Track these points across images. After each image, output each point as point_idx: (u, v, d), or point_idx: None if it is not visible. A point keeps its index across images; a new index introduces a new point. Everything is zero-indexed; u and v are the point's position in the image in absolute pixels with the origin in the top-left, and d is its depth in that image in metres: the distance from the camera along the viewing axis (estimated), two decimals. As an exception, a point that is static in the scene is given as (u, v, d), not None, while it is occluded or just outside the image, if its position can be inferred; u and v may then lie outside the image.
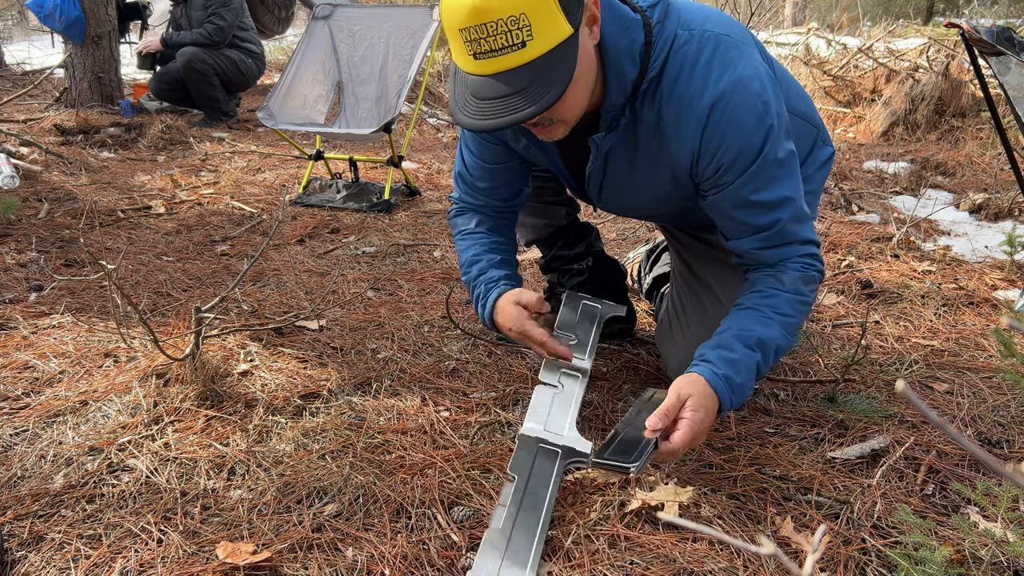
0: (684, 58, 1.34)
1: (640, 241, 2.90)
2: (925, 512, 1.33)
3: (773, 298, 1.40)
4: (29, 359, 1.85)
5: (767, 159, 1.35)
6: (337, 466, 1.44)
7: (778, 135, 1.36)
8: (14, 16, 13.17)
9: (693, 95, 1.33)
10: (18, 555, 1.21)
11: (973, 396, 1.74)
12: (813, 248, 1.44)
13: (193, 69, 5.09)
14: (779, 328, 1.38)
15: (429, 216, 3.37)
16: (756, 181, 1.36)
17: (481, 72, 1.22)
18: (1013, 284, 2.45)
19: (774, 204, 1.38)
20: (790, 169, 1.40)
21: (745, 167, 1.35)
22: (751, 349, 1.35)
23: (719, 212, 1.45)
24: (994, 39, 2.14)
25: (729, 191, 1.39)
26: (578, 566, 1.18)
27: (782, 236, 1.41)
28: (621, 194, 1.56)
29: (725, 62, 1.33)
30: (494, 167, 1.66)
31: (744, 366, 1.34)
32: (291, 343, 1.98)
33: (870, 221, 3.16)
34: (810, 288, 1.43)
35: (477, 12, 1.14)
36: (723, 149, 1.34)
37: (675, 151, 1.39)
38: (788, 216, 1.40)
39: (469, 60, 1.21)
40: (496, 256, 1.69)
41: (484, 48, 1.18)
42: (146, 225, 3.13)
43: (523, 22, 1.15)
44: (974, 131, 4.75)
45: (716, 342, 1.37)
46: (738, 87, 1.32)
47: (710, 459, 1.47)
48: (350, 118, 3.81)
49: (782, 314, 1.39)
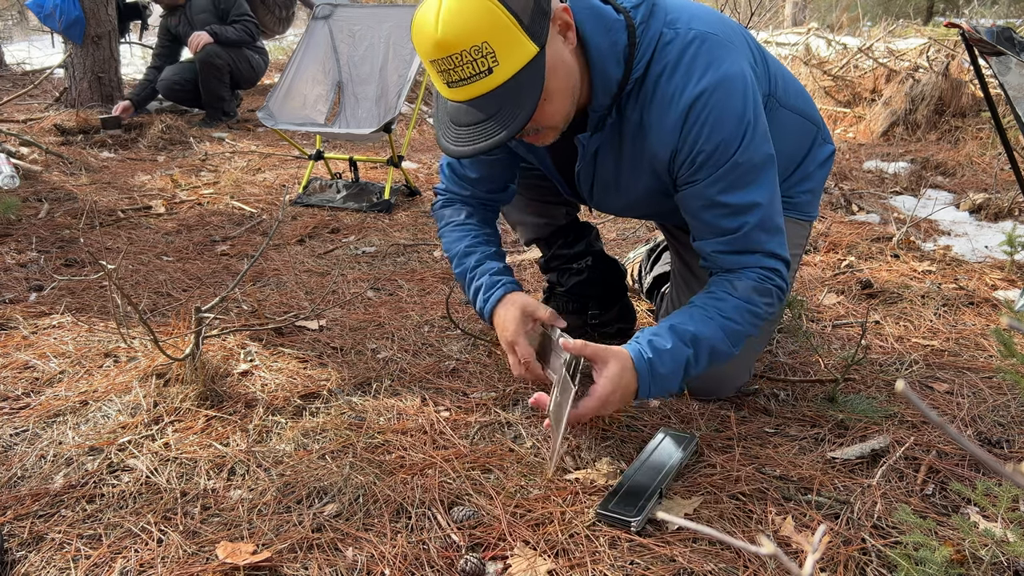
0: (667, 57, 1.35)
1: (640, 241, 2.90)
2: (925, 512, 1.33)
3: (721, 301, 1.40)
4: (29, 359, 1.85)
5: (741, 160, 1.35)
6: (337, 466, 1.44)
7: (756, 137, 1.36)
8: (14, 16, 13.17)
9: (674, 93, 1.34)
10: (18, 555, 1.21)
11: (973, 396, 1.74)
12: (777, 263, 1.42)
13: (211, 65, 5.12)
14: (719, 330, 1.38)
15: (429, 216, 3.37)
16: (726, 180, 1.37)
17: (455, 99, 1.27)
18: (1013, 284, 2.45)
19: (742, 208, 1.38)
20: (765, 174, 1.39)
21: (718, 165, 1.36)
22: (684, 344, 1.36)
23: (687, 209, 1.46)
24: (994, 39, 2.14)
25: (699, 188, 1.39)
26: (578, 566, 1.18)
27: (745, 243, 1.40)
28: (610, 193, 1.57)
29: (708, 61, 1.34)
30: (486, 157, 1.66)
31: (671, 358, 1.35)
32: (291, 343, 1.98)
33: (870, 221, 3.16)
34: (765, 300, 1.41)
35: (440, 46, 1.19)
36: (699, 145, 1.35)
37: (656, 149, 1.41)
38: (755, 222, 1.39)
39: (444, 87, 1.27)
40: (491, 249, 1.69)
41: (454, 78, 1.23)
42: (146, 225, 3.13)
43: (486, 50, 1.19)
44: (974, 131, 4.74)
45: (653, 330, 1.40)
46: (720, 85, 1.33)
47: (710, 459, 1.47)
48: (350, 118, 3.82)
49: (726, 317, 1.39)
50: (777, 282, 1.42)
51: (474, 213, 1.73)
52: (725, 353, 1.41)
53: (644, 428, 1.59)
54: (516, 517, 1.29)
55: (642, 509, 1.26)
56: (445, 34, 1.18)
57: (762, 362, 1.91)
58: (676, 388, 1.41)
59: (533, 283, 2.48)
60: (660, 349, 1.35)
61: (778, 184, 1.45)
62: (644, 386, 1.35)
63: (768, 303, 1.42)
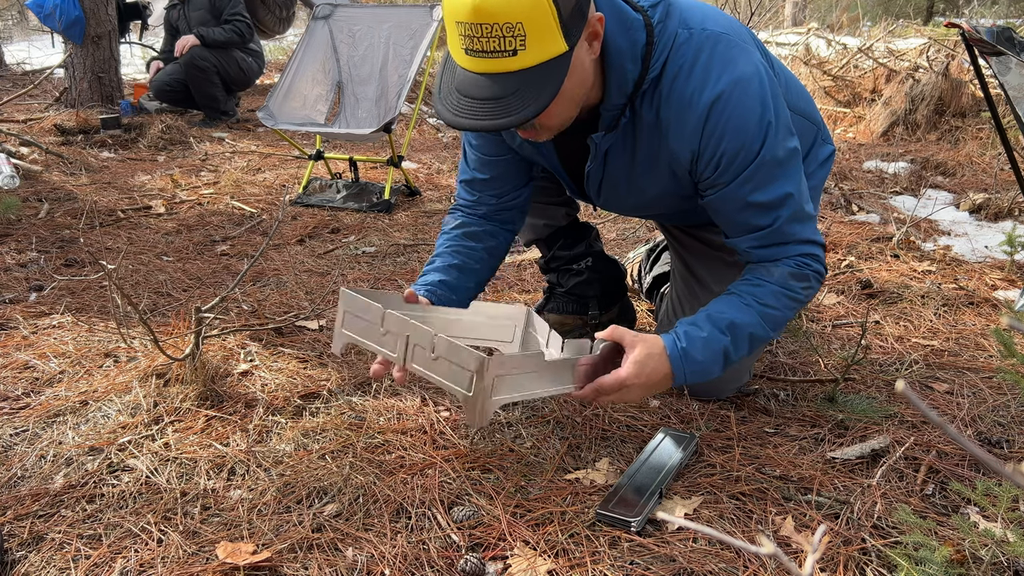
0: (683, 57, 1.34)
1: (640, 241, 2.90)
2: (925, 512, 1.33)
3: (758, 288, 1.41)
4: (29, 359, 1.85)
5: (765, 159, 1.35)
6: (337, 466, 1.44)
7: (777, 134, 1.36)
8: (14, 16, 13.17)
9: (692, 94, 1.33)
10: (18, 555, 1.21)
11: (973, 396, 1.74)
12: (814, 248, 1.43)
13: (195, 67, 5.09)
14: (756, 316, 1.38)
15: (429, 216, 3.37)
16: (754, 181, 1.37)
17: (469, 68, 1.23)
18: (1013, 284, 2.45)
19: (773, 204, 1.38)
20: (791, 167, 1.40)
21: (744, 167, 1.35)
22: (721, 332, 1.36)
23: (717, 212, 1.45)
24: (994, 39, 2.14)
25: (727, 191, 1.39)
26: (578, 566, 1.18)
27: (779, 236, 1.41)
28: (620, 193, 1.56)
29: (725, 61, 1.33)
30: (495, 159, 1.65)
31: (708, 346, 1.35)
32: (291, 343, 1.98)
33: (870, 221, 3.16)
34: (803, 285, 1.42)
35: (477, 11, 1.15)
36: (722, 148, 1.34)
37: (675, 150, 1.39)
38: (787, 215, 1.39)
39: (461, 53, 1.22)
40: (449, 260, 1.64)
41: (476, 47, 1.19)
42: (146, 225, 3.13)
43: (519, 31, 1.16)
44: (974, 131, 4.75)
45: (690, 319, 1.40)
46: (738, 86, 1.32)
47: (710, 459, 1.47)
48: (350, 118, 3.82)
49: (763, 304, 1.39)
50: (815, 267, 1.43)
51: (466, 224, 1.69)
52: (764, 338, 1.42)
53: (644, 428, 1.59)
54: (516, 517, 1.29)
55: (642, 510, 1.26)
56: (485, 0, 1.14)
57: (762, 362, 1.91)
58: (718, 374, 1.41)
59: (533, 283, 2.48)
60: (695, 337, 1.35)
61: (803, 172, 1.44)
62: (679, 372, 1.35)
63: (806, 287, 1.43)
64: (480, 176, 1.68)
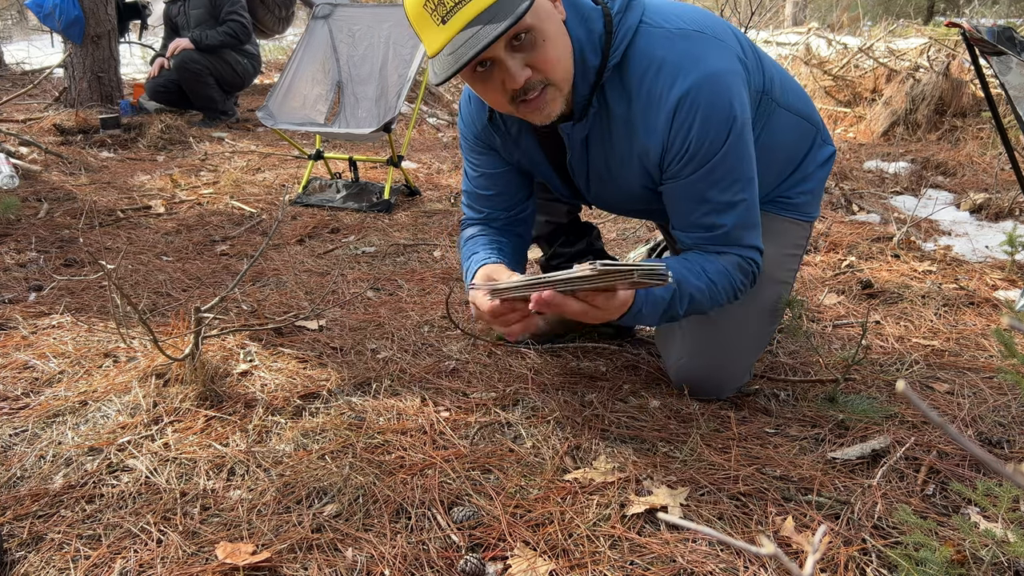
0: (653, 53, 1.37)
1: (640, 241, 2.90)
2: (926, 512, 1.32)
3: (708, 262, 1.44)
4: (29, 359, 1.85)
5: (728, 155, 1.38)
6: (337, 466, 1.44)
7: (743, 133, 1.39)
8: (14, 16, 13.17)
9: (662, 91, 1.36)
10: (18, 555, 1.21)
11: (974, 396, 1.73)
12: (755, 253, 1.49)
13: (186, 69, 5.09)
14: (702, 284, 1.42)
15: (429, 216, 3.37)
16: (714, 176, 1.40)
17: (454, 30, 1.24)
18: (1014, 284, 2.45)
19: (727, 205, 1.42)
20: (749, 171, 1.43)
21: (706, 160, 1.38)
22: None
23: (672, 201, 1.48)
24: (995, 39, 2.14)
25: (686, 183, 1.42)
26: (578, 566, 1.18)
27: (726, 239, 1.45)
28: (606, 188, 1.58)
29: (695, 57, 1.36)
30: (494, 173, 1.67)
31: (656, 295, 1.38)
32: (291, 343, 1.98)
33: (870, 221, 3.16)
34: (742, 279, 1.47)
35: None
36: (689, 142, 1.37)
37: (645, 145, 1.42)
38: (737, 221, 1.43)
39: (439, 32, 1.24)
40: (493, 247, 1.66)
41: (449, 6, 1.22)
42: (146, 225, 3.13)
43: None
44: (975, 131, 4.74)
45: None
46: (707, 82, 1.34)
47: (710, 459, 1.47)
48: (350, 118, 3.81)
49: (708, 275, 1.43)
50: (754, 268, 1.49)
51: (486, 231, 1.71)
52: (701, 303, 1.45)
53: (644, 428, 1.59)
54: (516, 517, 1.29)
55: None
56: None
57: (762, 362, 1.91)
58: (655, 322, 1.45)
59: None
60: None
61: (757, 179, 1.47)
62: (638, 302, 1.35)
63: (743, 282, 1.48)
64: (483, 192, 1.70)
